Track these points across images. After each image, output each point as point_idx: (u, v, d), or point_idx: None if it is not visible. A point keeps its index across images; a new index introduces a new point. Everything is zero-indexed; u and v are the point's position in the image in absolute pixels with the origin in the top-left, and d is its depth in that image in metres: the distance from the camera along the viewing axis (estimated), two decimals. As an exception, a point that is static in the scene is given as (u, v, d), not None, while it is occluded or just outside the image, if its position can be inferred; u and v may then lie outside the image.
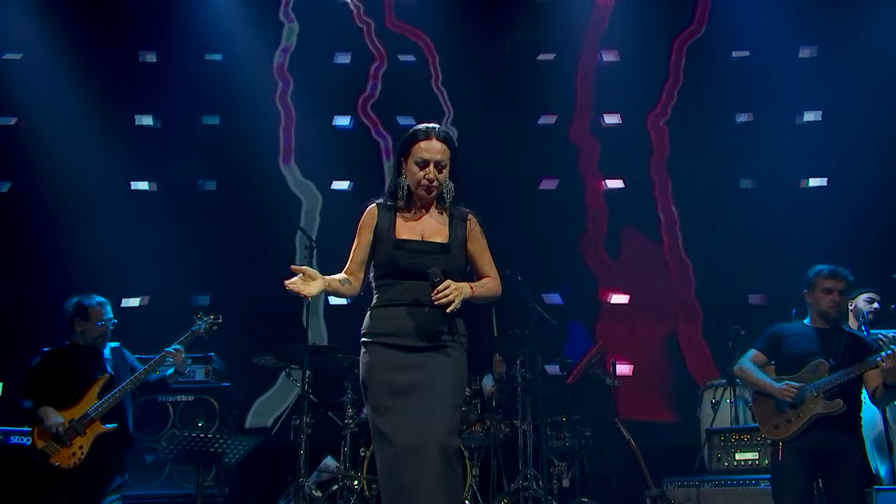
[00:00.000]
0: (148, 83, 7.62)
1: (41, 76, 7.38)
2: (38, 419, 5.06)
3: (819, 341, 5.02)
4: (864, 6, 7.24)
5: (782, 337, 5.16)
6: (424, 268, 3.44)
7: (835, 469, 4.80)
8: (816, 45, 7.51)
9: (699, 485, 5.68)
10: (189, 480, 5.91)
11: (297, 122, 7.84)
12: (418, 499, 3.25)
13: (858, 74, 7.20)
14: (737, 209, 7.39)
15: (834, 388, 4.80)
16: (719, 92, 7.62)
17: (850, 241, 6.57)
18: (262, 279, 7.41)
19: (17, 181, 7.42)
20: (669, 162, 7.64)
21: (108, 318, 5.38)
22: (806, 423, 4.82)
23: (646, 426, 6.84)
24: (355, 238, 3.62)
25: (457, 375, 3.48)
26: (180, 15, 7.59)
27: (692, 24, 7.72)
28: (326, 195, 7.67)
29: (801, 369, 4.98)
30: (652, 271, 7.59)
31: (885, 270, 5.66)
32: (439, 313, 3.44)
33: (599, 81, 7.77)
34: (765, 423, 5.07)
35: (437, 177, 3.50)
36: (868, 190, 7.12)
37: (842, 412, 4.77)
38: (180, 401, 6.37)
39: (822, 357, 4.94)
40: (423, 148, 3.48)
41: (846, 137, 7.20)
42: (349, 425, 5.88)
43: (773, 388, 4.96)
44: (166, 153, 7.53)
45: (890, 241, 6.72)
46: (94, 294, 5.45)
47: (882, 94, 7.12)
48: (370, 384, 3.46)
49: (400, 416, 3.34)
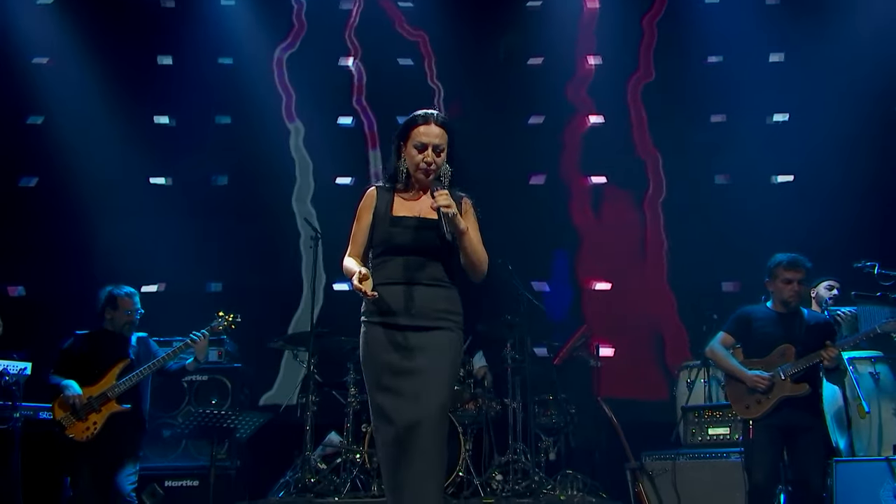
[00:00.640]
0: (165, 85, 7.62)
1: (66, 79, 7.36)
2: (60, 390, 5.11)
3: (783, 325, 5.05)
4: (829, 15, 7.23)
5: (751, 320, 5.17)
6: (420, 243, 3.34)
7: (800, 443, 4.86)
8: (784, 51, 7.51)
9: (675, 458, 5.75)
10: (203, 453, 5.96)
11: (303, 121, 7.82)
12: (416, 476, 3.19)
13: (823, 78, 7.21)
14: (712, 203, 7.38)
15: (799, 373, 4.87)
16: (696, 94, 7.61)
17: (815, 233, 6.60)
18: (271, 267, 7.56)
19: (44, 177, 7.42)
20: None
21: (136, 308, 5.40)
22: (774, 404, 4.88)
23: (626, 404, 6.81)
24: (355, 221, 3.50)
25: (454, 357, 3.39)
26: (195, 22, 7.58)
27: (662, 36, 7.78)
28: (330, 189, 7.65)
29: (769, 353, 5.02)
30: (633, 260, 7.59)
31: (847, 259, 5.67)
32: (439, 291, 3.35)
33: (584, 84, 7.77)
34: (736, 402, 5.12)
35: (435, 160, 3.38)
36: (832, 186, 7.12)
37: (808, 394, 4.85)
38: (195, 380, 6.34)
39: (787, 341, 4.97)
40: (422, 132, 3.38)
41: (812, 137, 7.21)
42: (352, 403, 5.95)
43: (745, 377, 5.00)
44: (182, 150, 7.53)
45: (851, 232, 6.74)
46: (125, 285, 5.47)
47: (845, 96, 7.11)
48: (370, 364, 3.36)
49: (400, 397, 3.24)
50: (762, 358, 5.02)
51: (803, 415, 4.86)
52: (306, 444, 5.81)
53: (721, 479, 5.42)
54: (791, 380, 4.89)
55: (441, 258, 3.37)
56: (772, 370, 4.92)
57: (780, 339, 5.01)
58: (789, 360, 4.93)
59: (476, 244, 3.38)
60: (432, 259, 3.36)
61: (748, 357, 5.12)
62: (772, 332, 5.05)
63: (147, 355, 5.36)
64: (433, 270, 3.36)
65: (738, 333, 5.20)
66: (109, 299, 5.36)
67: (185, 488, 5.88)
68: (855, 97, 7.05)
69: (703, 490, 5.57)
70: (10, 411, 5.03)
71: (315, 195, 7.69)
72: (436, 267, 3.36)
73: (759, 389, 4.92)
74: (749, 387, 4.97)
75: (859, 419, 5.53)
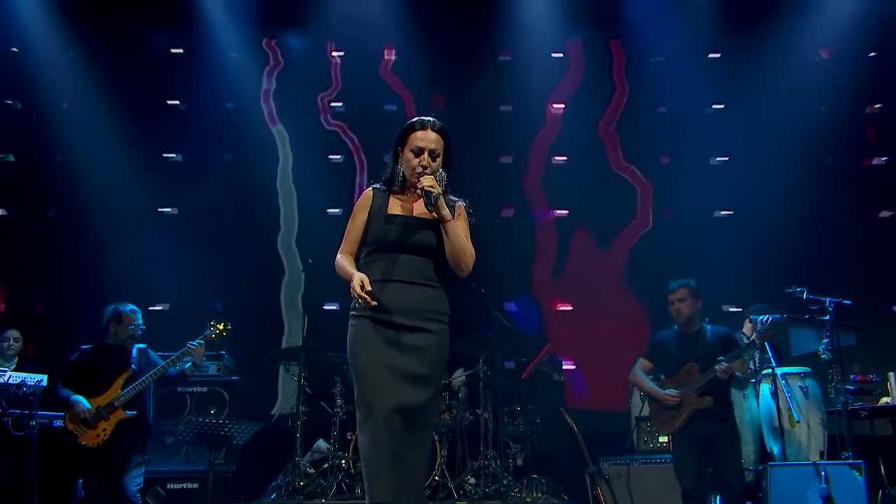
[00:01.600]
0: (173, 125, 7.60)
1: (86, 120, 7.33)
2: (69, 406, 5.12)
3: (686, 345, 5.15)
4: (762, 67, 7.40)
5: (662, 343, 5.29)
6: (413, 241, 3.17)
7: (714, 450, 4.94)
8: (725, 102, 7.59)
9: (629, 462, 5.80)
10: (203, 458, 5.93)
11: (295, 160, 7.81)
12: (411, 470, 3.04)
13: (758, 124, 7.35)
14: (663, 234, 7.44)
15: (702, 387, 4.95)
16: (646, 138, 7.71)
17: (752, 261, 6.75)
18: (265, 289, 7.51)
19: (62, 207, 7.41)
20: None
21: (138, 324, 5.42)
22: (686, 418, 4.98)
23: (586, 414, 6.82)
24: (350, 219, 3.31)
25: (444, 355, 3.19)
26: (201, 69, 7.60)
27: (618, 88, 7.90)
28: (321, 219, 7.60)
29: (678, 372, 5.10)
30: (593, 285, 7.58)
31: (779, 285, 5.67)
32: (428, 290, 3.17)
33: (550, 128, 7.84)
34: (656, 419, 5.25)
35: (431, 164, 3.23)
36: (767, 220, 7.25)
37: (711, 405, 4.91)
38: (196, 391, 6.35)
39: (691, 359, 5.06)
40: (419, 137, 3.24)
41: (749, 176, 7.34)
42: (338, 413, 5.93)
43: (659, 395, 5.10)
44: (188, 183, 7.52)
45: (784, 261, 6.83)
46: (129, 303, 5.48)
47: (777, 140, 7.26)
48: (361, 358, 3.11)
49: (393, 396, 3.01)
50: (673, 376, 5.12)
51: (713, 425, 4.92)
52: (296, 450, 5.79)
53: (669, 481, 5.36)
54: (696, 394, 4.96)
55: (432, 258, 3.20)
56: (682, 387, 4.99)
57: (685, 357, 5.09)
58: (693, 376, 5.00)
59: (461, 236, 3.20)
60: (424, 258, 3.19)
61: (664, 375, 5.20)
62: (677, 352, 5.16)
63: (148, 365, 5.35)
64: (424, 270, 3.19)
65: (653, 357, 5.30)
66: (115, 315, 5.38)
67: (186, 490, 5.86)
68: (784, 140, 7.20)
69: (654, 492, 5.60)
70: (27, 419, 5.00)
71: (305, 224, 7.66)
72: (427, 266, 3.19)
73: (671, 405, 5.01)
74: (664, 404, 5.06)
75: (790, 428, 5.55)
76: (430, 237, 3.19)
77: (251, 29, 7.60)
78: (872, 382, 5.83)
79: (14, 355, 5.87)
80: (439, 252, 3.20)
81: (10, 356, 5.85)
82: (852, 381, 5.65)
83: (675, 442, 5.11)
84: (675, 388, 5.06)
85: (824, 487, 4.72)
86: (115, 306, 5.43)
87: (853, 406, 5.47)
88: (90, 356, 5.34)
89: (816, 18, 7.30)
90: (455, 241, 3.17)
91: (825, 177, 7.31)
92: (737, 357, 4.99)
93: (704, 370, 4.98)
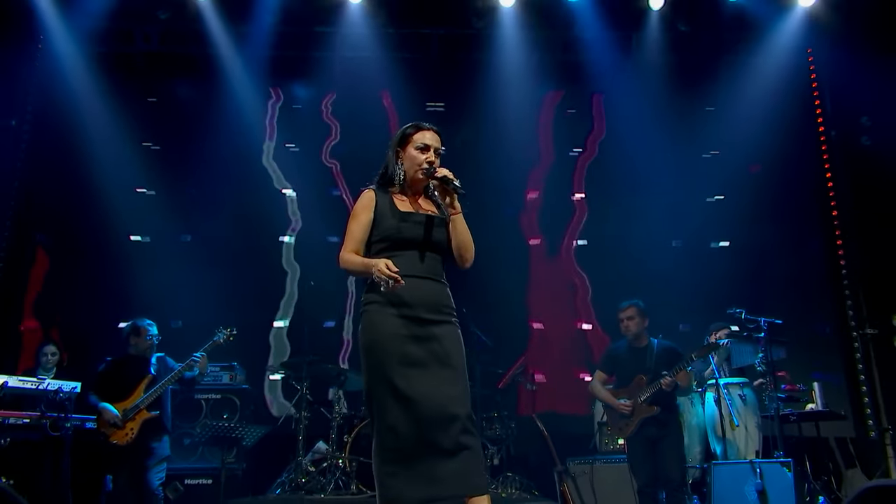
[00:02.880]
0: (195, 162, 7.39)
1: (118, 159, 7.20)
2: (98, 412, 5.21)
3: (636, 358, 5.25)
4: (702, 122, 7.42)
5: (615, 356, 5.37)
6: (427, 238, 2.98)
7: (659, 449, 5.07)
8: (676, 151, 7.33)
9: (592, 462, 5.86)
10: (216, 458, 5.97)
11: (298, 193, 7.76)
12: (438, 464, 2.73)
13: (698, 173, 7.44)
14: (626, 262, 7.31)
15: (650, 398, 5.07)
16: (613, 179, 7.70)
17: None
18: (272, 308, 7.45)
19: (95, 238, 7.28)
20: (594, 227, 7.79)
21: (154, 335, 5.50)
22: (638, 424, 5.11)
23: (555, 419, 6.84)
24: (352, 219, 3.06)
25: (463, 348, 2.98)
26: (219, 112, 7.45)
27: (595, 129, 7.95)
28: (324, 247, 7.46)
29: (630, 384, 5.21)
30: (562, 306, 7.55)
31: (722, 307, 5.73)
32: (439, 286, 2.98)
33: (534, 168, 7.87)
34: (612, 426, 5.36)
35: (436, 161, 3.07)
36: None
37: (658, 413, 5.04)
38: (210, 398, 6.39)
39: (640, 371, 5.18)
40: (425, 136, 3.08)
41: (696, 214, 7.48)
42: (336, 418, 5.98)
43: (614, 404, 5.19)
44: (203, 214, 7.48)
45: (726, 287, 6.88)
46: (145, 318, 5.58)
47: (718, 184, 7.44)
48: (381, 350, 2.85)
49: (418, 387, 2.77)
50: (626, 387, 5.21)
51: (660, 429, 5.05)
52: (299, 450, 5.82)
53: (627, 479, 5.47)
54: (646, 403, 5.08)
55: (442, 255, 3.04)
56: (633, 397, 5.10)
57: (635, 370, 5.18)
58: (642, 387, 5.10)
59: (467, 230, 3.04)
60: (435, 254, 3.02)
61: (620, 387, 5.28)
62: (628, 363, 5.25)
63: (166, 371, 5.43)
64: (435, 266, 3.01)
65: (607, 369, 5.40)
66: (133, 329, 5.50)
67: (201, 486, 5.88)
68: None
69: (613, 487, 5.67)
70: (63, 422, 5.04)
71: (307, 250, 7.59)
72: (437, 263, 3.02)
73: (624, 413, 5.11)
74: (618, 412, 5.16)
75: (731, 431, 5.62)
76: (442, 234, 3.02)
77: (260, 79, 7.55)
78: (800, 391, 5.92)
79: (53, 367, 5.96)
80: (448, 249, 3.04)
81: (49, 368, 5.95)
82: (783, 389, 5.73)
83: (629, 445, 5.23)
84: (627, 399, 5.14)
85: (759, 482, 4.86)
86: (133, 321, 5.53)
87: (783, 412, 5.58)
88: (115, 366, 5.46)
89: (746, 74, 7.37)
90: (462, 235, 3.01)
91: (761, 216, 7.39)
92: (680, 370, 5.08)
93: (652, 382, 5.07)
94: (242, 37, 7.20)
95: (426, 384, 2.79)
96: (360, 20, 7.12)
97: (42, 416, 5.02)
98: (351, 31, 7.16)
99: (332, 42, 7.35)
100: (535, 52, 7.37)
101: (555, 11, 7.16)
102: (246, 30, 7.15)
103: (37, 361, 6.02)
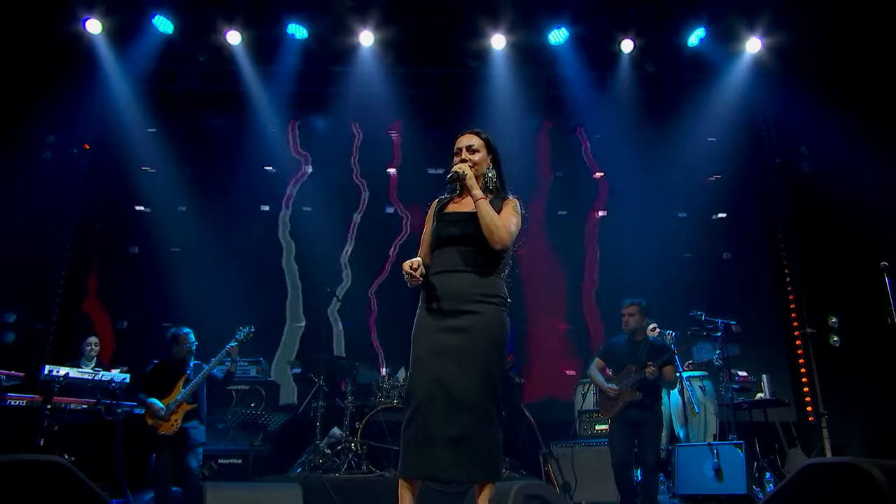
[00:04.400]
0: (225, 185, 7.51)
1: (162, 180, 7.36)
2: (147, 406, 5.32)
3: (631, 350, 5.27)
4: (670, 149, 7.50)
5: (613, 348, 5.41)
6: (458, 233, 2.93)
7: (640, 433, 5.07)
8: (651, 172, 7.41)
9: (573, 445, 5.89)
10: (245, 441, 6.07)
11: (315, 212, 7.84)
12: (466, 444, 2.71)
13: (667, 192, 7.49)
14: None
15: (635, 384, 5.07)
16: (588, 198, 7.90)
17: (664, 291, 6.86)
18: (294, 312, 7.53)
19: (143, 246, 7.46)
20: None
21: (192, 342, 5.56)
22: (622, 407, 5.11)
23: (540, 407, 6.85)
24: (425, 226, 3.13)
25: (494, 332, 2.84)
26: (243, 137, 7.63)
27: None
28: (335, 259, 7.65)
29: (621, 371, 5.25)
30: (551, 307, 7.54)
31: (684, 309, 5.84)
32: (473, 276, 2.88)
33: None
34: (602, 407, 5.36)
35: (471, 157, 3.02)
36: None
37: (641, 398, 5.04)
38: (240, 389, 6.45)
39: (631, 362, 5.18)
40: (459, 141, 3.10)
41: (663, 228, 7.53)
42: (349, 407, 6.08)
43: (603, 388, 5.22)
44: (235, 230, 7.57)
45: (687, 291, 6.95)
46: (184, 326, 5.63)
47: (682, 201, 7.52)
48: (414, 344, 2.88)
49: (439, 375, 2.74)
50: (618, 374, 5.27)
51: (641, 413, 5.05)
52: (317, 435, 5.92)
53: (603, 460, 5.50)
54: (631, 389, 5.08)
55: (476, 246, 2.92)
56: (621, 383, 5.17)
57: (628, 360, 5.24)
58: (630, 375, 5.14)
59: (492, 213, 2.91)
60: (468, 247, 2.92)
61: (614, 374, 5.33)
62: (623, 354, 5.31)
63: (199, 372, 5.50)
64: (471, 258, 2.91)
65: (605, 358, 5.46)
66: (173, 337, 5.56)
67: (232, 465, 5.95)
68: (687, 202, 7.52)
69: (592, 468, 5.71)
70: (115, 408, 5.17)
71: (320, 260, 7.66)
72: (473, 254, 2.91)
73: (611, 396, 5.17)
74: (607, 395, 5.22)
75: (692, 417, 5.80)
76: (472, 228, 2.91)
77: (284, 111, 7.74)
78: (751, 382, 6.02)
79: (94, 356, 6.12)
80: (479, 235, 2.91)
81: (91, 356, 6.12)
82: (737, 381, 5.78)
83: (612, 425, 5.22)
84: (616, 384, 5.19)
85: (716, 461, 5.00)
86: (173, 330, 5.58)
87: (737, 400, 5.66)
88: (158, 368, 5.56)
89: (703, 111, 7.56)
90: (485, 218, 2.89)
91: (717, 230, 7.54)
92: (666, 362, 5.09)
93: (638, 371, 5.09)
94: (269, 75, 7.45)
95: (445, 373, 2.76)
96: (371, 60, 7.38)
97: (98, 403, 5.12)
98: (363, 70, 7.43)
99: (346, 79, 7.59)
100: (523, 88, 7.59)
101: (539, 53, 7.47)
102: (272, 69, 7.43)
103: (80, 351, 6.16)
